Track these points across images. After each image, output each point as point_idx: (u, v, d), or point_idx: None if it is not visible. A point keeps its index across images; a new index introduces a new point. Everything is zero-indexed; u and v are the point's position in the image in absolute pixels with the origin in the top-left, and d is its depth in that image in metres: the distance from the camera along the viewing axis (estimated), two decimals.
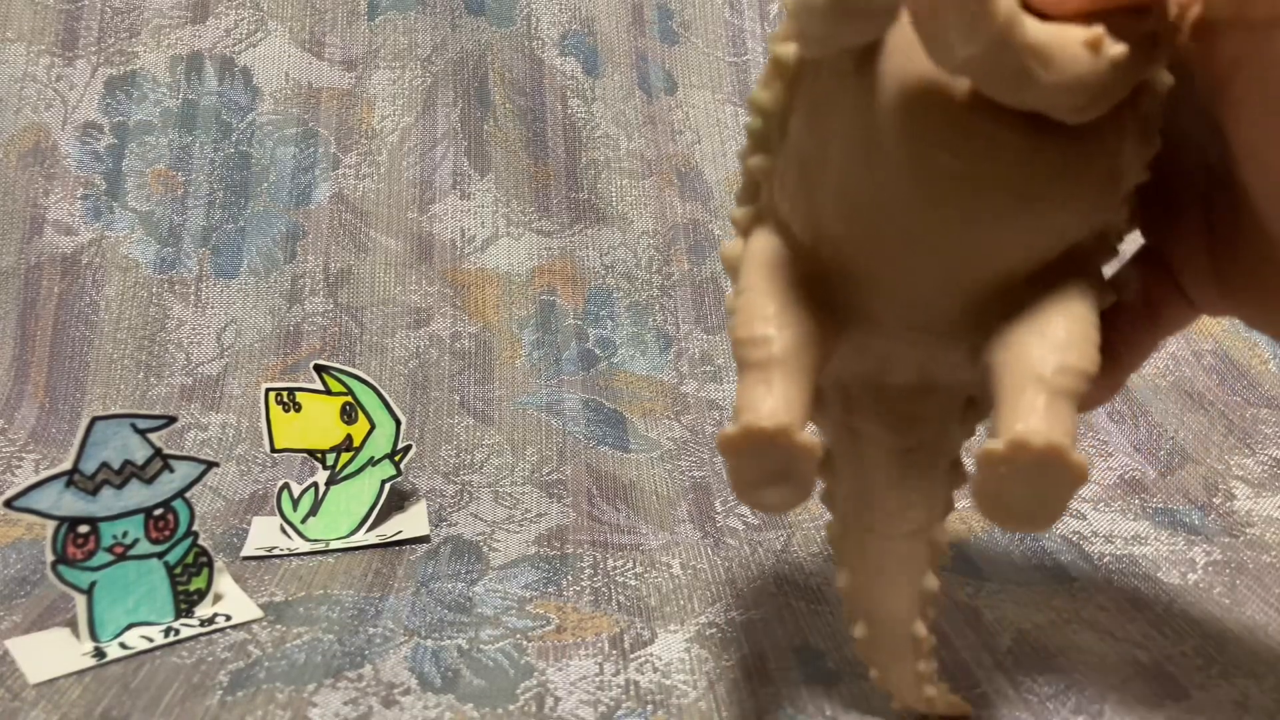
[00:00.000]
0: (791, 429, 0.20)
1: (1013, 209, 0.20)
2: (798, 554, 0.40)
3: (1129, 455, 0.50)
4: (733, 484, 0.21)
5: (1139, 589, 0.37)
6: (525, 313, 0.57)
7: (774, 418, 0.20)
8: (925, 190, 0.20)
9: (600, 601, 0.36)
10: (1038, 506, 0.19)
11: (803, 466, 0.20)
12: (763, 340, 0.21)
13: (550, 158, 0.61)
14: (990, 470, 0.19)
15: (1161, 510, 0.44)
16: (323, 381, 0.41)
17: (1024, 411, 0.19)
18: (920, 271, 0.21)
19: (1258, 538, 0.41)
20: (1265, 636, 0.33)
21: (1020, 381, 0.20)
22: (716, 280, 0.61)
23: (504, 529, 0.43)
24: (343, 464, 0.42)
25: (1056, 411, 0.19)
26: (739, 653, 0.32)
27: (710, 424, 0.53)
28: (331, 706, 0.29)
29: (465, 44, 0.62)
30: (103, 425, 0.32)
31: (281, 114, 0.59)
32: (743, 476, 0.21)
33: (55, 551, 0.32)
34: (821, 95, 0.21)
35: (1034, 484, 0.19)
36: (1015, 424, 0.19)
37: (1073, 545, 0.40)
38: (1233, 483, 0.47)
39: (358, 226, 0.58)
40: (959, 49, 0.17)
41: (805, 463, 0.20)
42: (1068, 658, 0.32)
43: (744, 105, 0.66)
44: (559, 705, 0.29)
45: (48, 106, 0.56)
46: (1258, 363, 0.56)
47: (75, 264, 0.54)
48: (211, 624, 0.34)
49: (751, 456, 0.20)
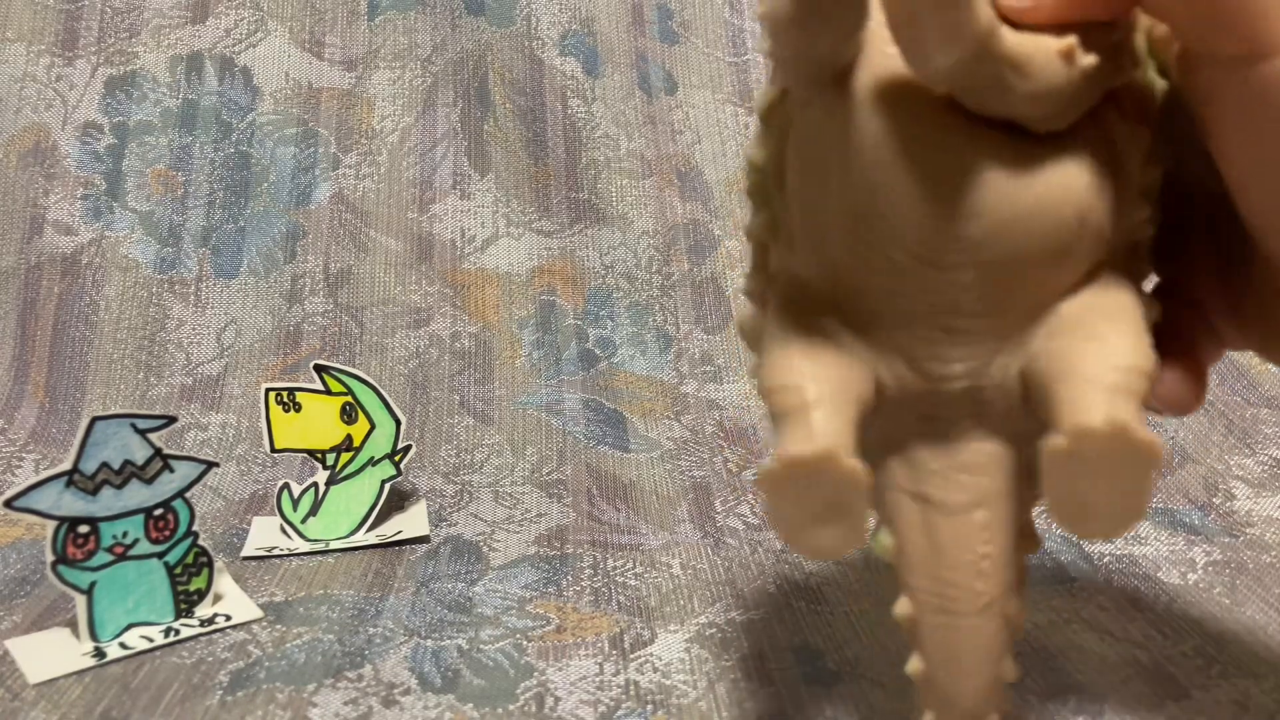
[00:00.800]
0: (835, 453, 0.19)
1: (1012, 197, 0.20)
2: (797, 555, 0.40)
3: None
4: (779, 527, 0.20)
5: (1139, 589, 0.37)
6: (525, 313, 0.57)
7: (813, 443, 0.19)
8: (925, 190, 0.20)
9: (600, 601, 0.36)
10: (1118, 499, 0.18)
11: (852, 497, 0.19)
12: (794, 388, 0.21)
13: (550, 158, 0.61)
14: (1058, 469, 0.18)
15: (1161, 510, 0.44)
16: (323, 381, 0.41)
17: (1083, 406, 0.18)
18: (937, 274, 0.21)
19: (1258, 538, 0.41)
20: (1265, 636, 0.33)
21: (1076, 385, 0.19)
22: (716, 280, 0.61)
23: (504, 529, 0.43)
24: (343, 464, 0.42)
25: (1117, 402, 0.18)
26: (739, 653, 0.32)
27: (710, 424, 0.53)
28: (331, 706, 0.29)
29: (465, 44, 0.62)
30: (103, 425, 0.32)
31: (281, 114, 0.59)
32: (789, 516, 0.19)
33: (55, 551, 0.32)
34: (811, 129, 0.21)
35: (1107, 475, 0.18)
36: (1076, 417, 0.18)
37: (1072, 545, 0.40)
38: (1233, 483, 0.47)
39: (358, 226, 0.58)
40: (937, 57, 0.17)
41: (854, 491, 0.19)
42: (1068, 658, 0.32)
43: (744, 105, 0.66)
44: (559, 705, 0.29)
45: (48, 106, 0.56)
46: (1257, 363, 0.56)
47: (75, 264, 0.54)
48: (211, 624, 0.34)
49: (795, 491, 0.19)
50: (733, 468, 0.49)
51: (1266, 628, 0.34)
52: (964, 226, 0.20)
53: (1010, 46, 0.17)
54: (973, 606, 0.23)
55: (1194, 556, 0.39)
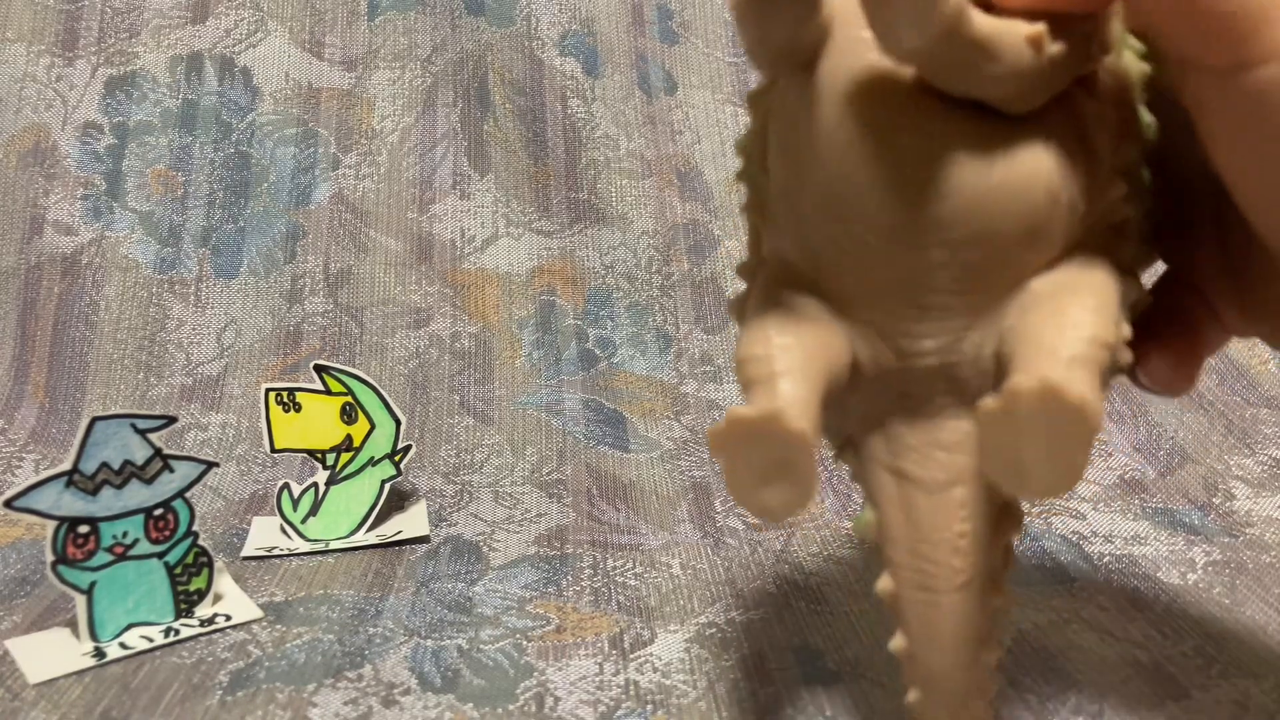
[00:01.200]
0: (781, 415, 0.19)
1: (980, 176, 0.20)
2: (797, 554, 0.40)
3: (1128, 455, 0.50)
4: (729, 486, 0.20)
5: (1139, 589, 0.37)
6: (525, 313, 0.57)
7: (760, 408, 0.19)
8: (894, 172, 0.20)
9: (600, 601, 0.36)
10: (1052, 462, 0.18)
11: (799, 459, 0.19)
12: (764, 358, 0.21)
13: (550, 158, 0.61)
14: (992, 430, 0.18)
15: (1161, 510, 0.44)
16: (323, 381, 0.41)
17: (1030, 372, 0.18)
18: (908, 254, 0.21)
19: (1257, 538, 0.41)
20: (1265, 636, 0.33)
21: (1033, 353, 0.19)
22: (716, 280, 0.61)
23: (504, 529, 0.43)
24: (343, 464, 0.42)
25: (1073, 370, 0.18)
26: (739, 653, 0.32)
27: (710, 423, 0.53)
28: (331, 706, 0.29)
29: (465, 44, 0.62)
30: (103, 425, 0.32)
31: (281, 114, 0.59)
32: (738, 475, 0.20)
33: (55, 551, 0.32)
34: (786, 114, 0.21)
35: (1041, 436, 0.18)
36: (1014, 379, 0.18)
37: (1072, 545, 0.40)
38: (1232, 483, 0.47)
39: (357, 227, 0.58)
40: (907, 39, 0.18)
41: (801, 453, 0.19)
42: (1067, 658, 0.32)
43: (744, 105, 0.66)
44: (559, 705, 0.29)
45: (48, 107, 0.56)
46: (1257, 363, 0.56)
47: (75, 264, 0.54)
48: (211, 624, 0.34)
49: (743, 451, 0.20)
50: None
51: (1266, 628, 0.34)
52: (933, 207, 0.20)
53: (979, 30, 0.18)
54: (951, 584, 0.23)
55: (1194, 556, 0.39)
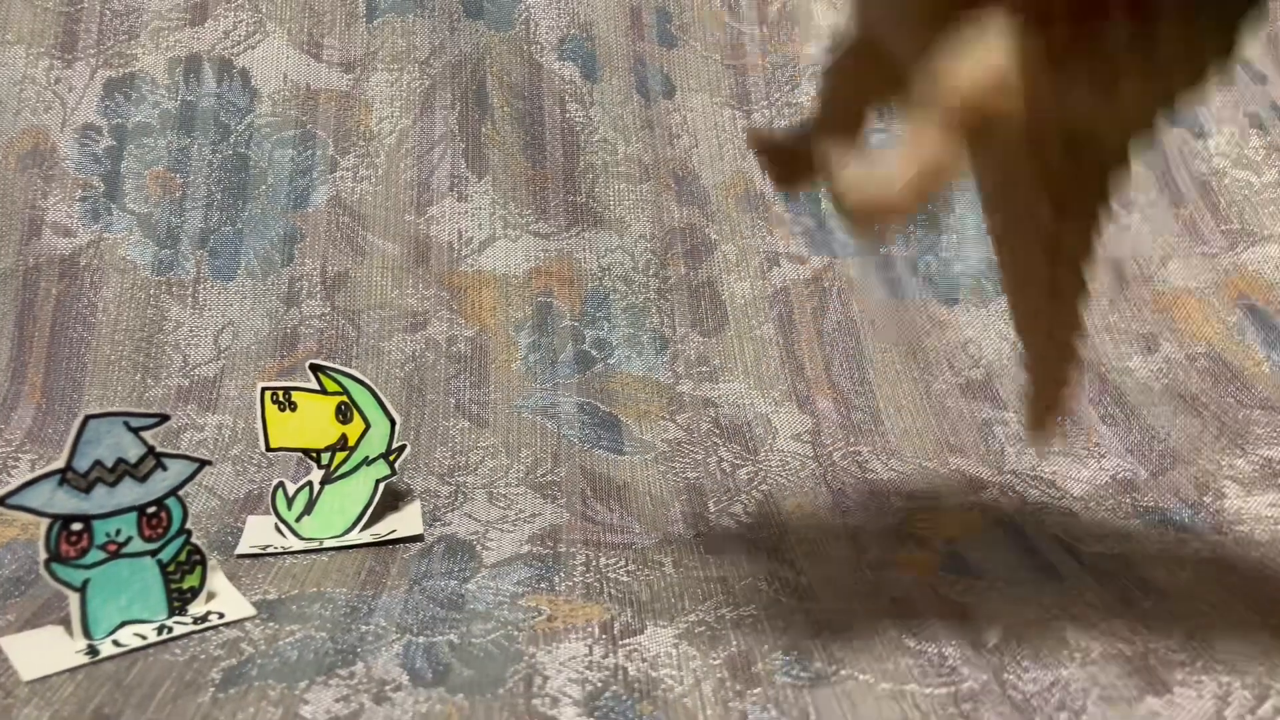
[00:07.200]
0: None
1: None
2: (789, 553, 0.40)
3: (1120, 457, 0.50)
4: None
5: (1127, 586, 0.37)
6: (522, 315, 0.57)
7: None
8: None
9: (592, 595, 0.36)
10: None
11: None
12: None
13: (548, 161, 0.61)
14: None
15: (1152, 509, 0.45)
16: (318, 381, 0.42)
17: None
18: None
19: (1246, 535, 0.41)
20: (1251, 633, 0.33)
21: None
22: (713, 284, 0.61)
23: (497, 529, 0.43)
24: (337, 463, 0.42)
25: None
26: (726, 651, 0.32)
27: (705, 421, 0.53)
28: (323, 704, 0.29)
29: (463, 47, 0.62)
30: (96, 423, 0.32)
31: (280, 116, 0.59)
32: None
33: (48, 549, 0.32)
34: None
35: None
36: None
37: (1062, 544, 0.41)
38: (1223, 482, 0.47)
39: (355, 230, 0.58)
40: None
41: None
42: (1054, 654, 0.32)
43: (742, 109, 0.66)
44: (547, 684, 0.30)
45: (47, 109, 0.56)
46: (1251, 365, 0.56)
47: (73, 266, 0.54)
48: (204, 622, 0.34)
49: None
50: (727, 467, 0.49)
51: (1253, 625, 0.34)
52: None
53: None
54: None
55: (1183, 554, 0.40)
